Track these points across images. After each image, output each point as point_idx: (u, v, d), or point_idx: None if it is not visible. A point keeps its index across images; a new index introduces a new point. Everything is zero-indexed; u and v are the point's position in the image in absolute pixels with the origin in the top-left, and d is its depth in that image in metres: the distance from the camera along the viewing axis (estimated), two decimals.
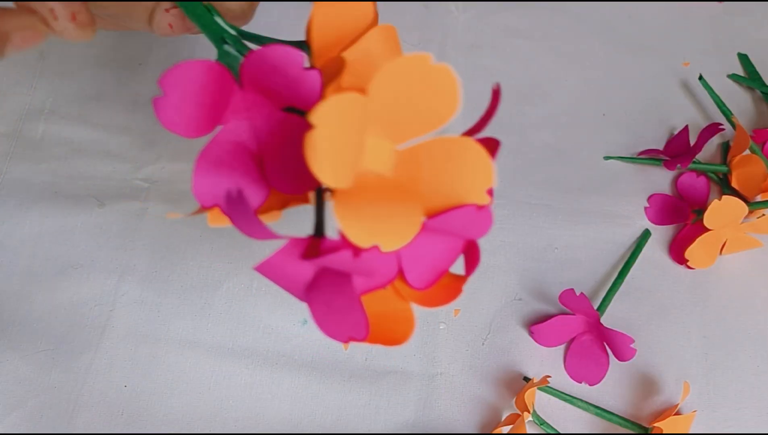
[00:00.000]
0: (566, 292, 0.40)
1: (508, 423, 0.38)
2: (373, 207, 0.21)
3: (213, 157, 0.24)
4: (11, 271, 0.44)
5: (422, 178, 0.23)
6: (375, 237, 0.21)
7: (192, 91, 0.22)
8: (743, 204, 0.41)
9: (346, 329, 0.23)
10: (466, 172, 0.23)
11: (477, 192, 0.23)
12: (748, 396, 0.41)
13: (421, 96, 0.21)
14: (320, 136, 0.19)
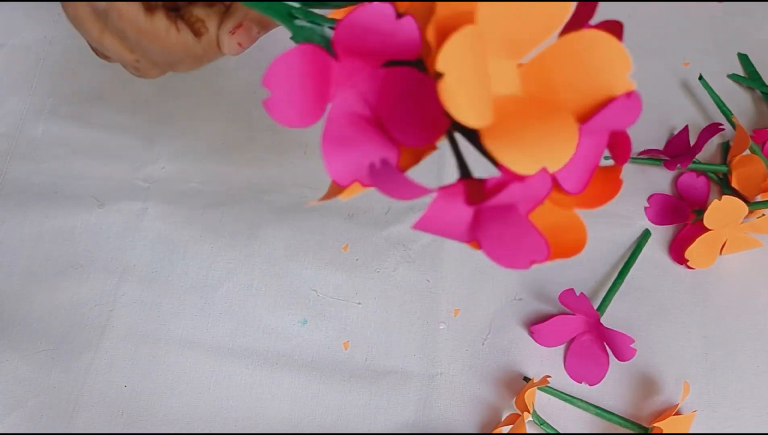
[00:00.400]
0: (566, 292, 0.40)
1: (508, 423, 0.38)
2: (525, 131, 0.20)
3: (334, 136, 0.23)
4: (11, 271, 0.44)
5: (556, 85, 0.21)
6: (539, 160, 0.20)
7: (295, 81, 0.22)
8: (743, 204, 0.41)
9: (527, 254, 0.22)
10: (601, 64, 0.22)
11: (620, 80, 0.22)
12: (748, 396, 0.41)
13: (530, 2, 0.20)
14: (452, 81, 0.19)
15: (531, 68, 0.21)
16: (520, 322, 0.43)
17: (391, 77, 0.23)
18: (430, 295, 0.43)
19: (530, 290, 0.44)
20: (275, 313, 0.42)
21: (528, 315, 0.43)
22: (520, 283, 0.44)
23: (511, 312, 0.43)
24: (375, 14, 0.21)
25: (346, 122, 0.23)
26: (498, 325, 0.42)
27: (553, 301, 0.43)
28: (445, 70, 0.19)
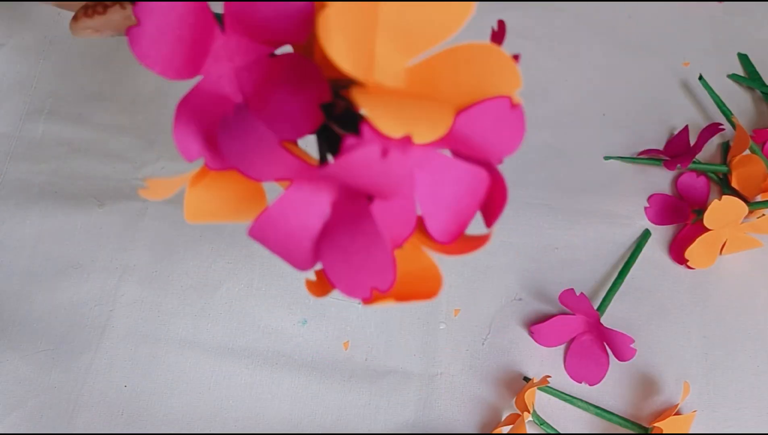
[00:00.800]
0: (566, 292, 0.40)
1: (508, 423, 0.38)
2: (401, 99, 0.19)
3: (194, 108, 0.22)
4: (11, 271, 0.44)
5: (441, 91, 0.20)
6: (407, 125, 0.17)
7: (170, 25, 0.20)
8: (743, 204, 0.41)
9: (369, 277, 0.20)
10: (490, 77, 0.20)
11: (508, 90, 0.20)
12: (748, 396, 0.41)
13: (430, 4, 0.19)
14: (333, 14, 0.17)
15: (419, 69, 0.20)
16: (520, 322, 0.43)
17: (274, 64, 0.21)
18: None
19: (530, 290, 0.44)
20: (275, 313, 0.42)
21: (528, 315, 0.43)
22: (520, 283, 0.44)
23: (511, 312, 0.43)
24: None
25: (212, 100, 0.22)
26: (498, 325, 0.42)
27: (553, 301, 0.43)
28: (329, 4, 0.17)
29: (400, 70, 0.20)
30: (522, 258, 0.45)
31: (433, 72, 0.20)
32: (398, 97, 0.19)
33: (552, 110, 0.51)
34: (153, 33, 0.20)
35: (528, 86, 0.57)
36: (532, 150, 0.49)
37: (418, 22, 0.19)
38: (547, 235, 0.46)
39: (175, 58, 0.21)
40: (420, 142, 0.18)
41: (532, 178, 0.48)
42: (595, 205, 0.47)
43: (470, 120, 0.20)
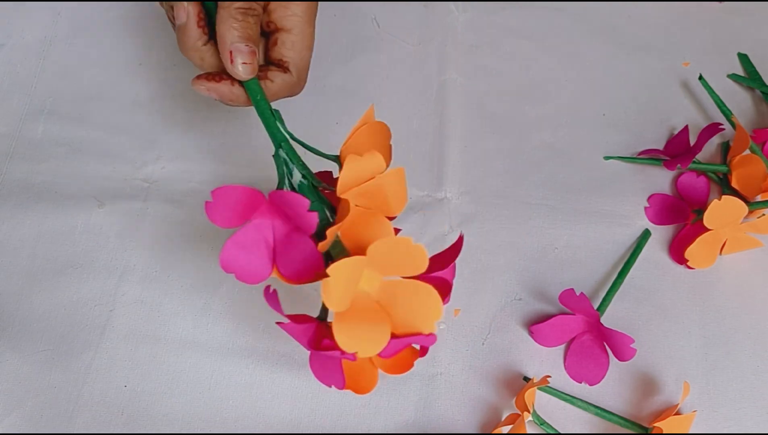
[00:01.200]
0: (566, 292, 0.40)
1: (508, 423, 0.38)
2: (359, 325, 0.31)
3: (239, 241, 0.33)
4: (11, 271, 0.44)
5: (396, 304, 0.32)
6: (357, 346, 0.31)
7: (231, 202, 0.32)
8: (743, 204, 0.41)
9: (331, 381, 0.34)
10: (423, 307, 0.31)
11: (429, 323, 0.31)
12: (748, 396, 0.41)
13: (401, 258, 0.31)
14: (332, 283, 0.29)
15: (386, 285, 0.32)
16: (520, 322, 0.43)
17: (297, 239, 0.32)
18: None
19: (530, 290, 0.44)
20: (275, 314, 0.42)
21: (528, 315, 0.43)
22: (520, 283, 0.44)
23: (511, 312, 0.43)
24: (294, 200, 0.31)
25: (254, 238, 0.33)
26: (498, 325, 0.42)
27: (553, 301, 0.43)
28: (331, 274, 0.29)
29: (377, 283, 0.32)
30: (522, 258, 0.45)
31: (394, 291, 0.32)
32: (358, 325, 0.31)
33: (552, 110, 0.51)
34: (220, 207, 0.32)
35: (528, 86, 0.58)
36: (532, 150, 0.49)
37: (392, 265, 0.31)
38: (547, 235, 0.46)
39: (233, 217, 0.32)
40: (363, 356, 0.31)
41: (532, 178, 0.48)
42: (595, 205, 0.47)
43: (397, 343, 0.32)
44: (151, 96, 0.50)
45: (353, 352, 0.30)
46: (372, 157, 0.33)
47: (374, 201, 0.34)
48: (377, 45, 0.53)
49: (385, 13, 0.54)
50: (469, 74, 0.52)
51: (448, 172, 0.47)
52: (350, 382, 0.34)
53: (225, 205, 0.32)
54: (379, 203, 0.34)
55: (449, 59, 0.52)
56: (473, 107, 0.50)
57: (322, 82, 0.51)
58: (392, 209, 0.35)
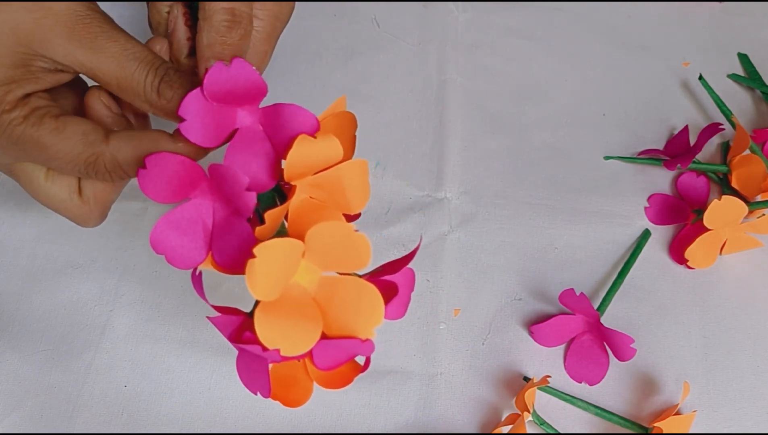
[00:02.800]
0: (566, 292, 0.40)
1: (508, 423, 0.38)
2: (286, 321, 0.28)
3: (173, 220, 0.30)
4: (11, 271, 0.44)
5: (333, 302, 0.29)
6: (280, 343, 0.28)
7: (166, 173, 0.30)
8: (743, 204, 0.41)
9: (256, 387, 0.31)
10: (362, 309, 0.29)
11: (367, 328, 0.29)
12: (748, 396, 0.41)
13: (342, 248, 0.28)
14: (258, 265, 0.26)
15: (325, 281, 0.29)
16: (520, 322, 0.43)
17: (235, 222, 0.30)
18: (430, 295, 0.43)
19: (530, 290, 0.44)
20: None
21: (528, 315, 0.43)
22: (520, 283, 0.44)
23: (511, 312, 0.43)
24: (231, 176, 0.29)
25: (189, 216, 0.30)
26: (498, 325, 0.42)
27: (553, 301, 0.43)
28: (258, 254, 0.26)
29: (316, 277, 0.29)
30: (522, 258, 0.45)
31: (333, 288, 0.29)
32: (284, 319, 0.28)
33: (552, 110, 0.51)
34: (154, 177, 0.30)
35: (528, 86, 0.58)
36: (532, 150, 0.49)
37: (332, 256, 0.28)
38: (547, 235, 0.46)
39: (169, 191, 0.30)
40: (286, 355, 0.28)
41: (532, 178, 0.48)
42: (595, 205, 0.47)
43: (330, 345, 0.29)
44: None
45: (275, 349, 0.27)
46: (326, 140, 0.30)
47: (332, 194, 0.31)
48: (377, 45, 0.53)
49: (385, 13, 0.54)
50: (469, 74, 0.52)
51: (448, 172, 0.47)
52: (280, 391, 0.31)
53: (159, 175, 0.30)
54: (336, 197, 0.31)
55: (449, 59, 0.52)
56: (473, 107, 0.50)
57: (322, 82, 0.51)
58: (351, 206, 0.32)
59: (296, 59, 0.52)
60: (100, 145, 0.32)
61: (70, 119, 0.32)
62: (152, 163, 0.30)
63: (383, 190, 0.47)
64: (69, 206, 0.35)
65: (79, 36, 0.31)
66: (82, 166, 0.32)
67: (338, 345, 0.29)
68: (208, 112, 0.30)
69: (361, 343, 0.29)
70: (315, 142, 0.29)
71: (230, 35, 0.32)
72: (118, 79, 0.31)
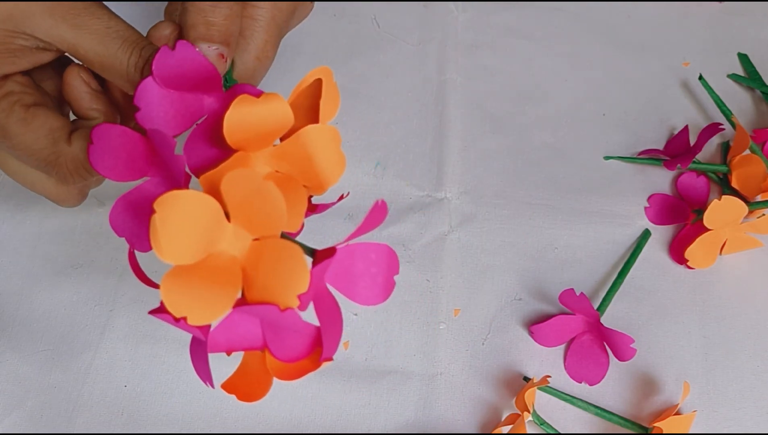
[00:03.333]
0: (566, 292, 0.40)
1: (508, 423, 0.38)
2: (198, 287, 0.25)
3: (132, 200, 0.29)
4: (11, 271, 0.44)
5: (259, 269, 0.26)
6: (185, 311, 0.25)
7: (113, 146, 0.28)
8: (743, 204, 0.41)
9: (203, 376, 0.29)
10: (287, 274, 0.25)
11: (289, 295, 0.25)
12: (748, 396, 0.41)
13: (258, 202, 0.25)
14: (159, 220, 0.24)
15: (254, 247, 0.26)
16: (520, 322, 0.43)
17: None
18: (430, 295, 0.43)
19: (530, 290, 0.44)
20: None
21: (528, 315, 0.43)
22: (520, 283, 0.44)
23: (511, 312, 0.43)
24: (160, 139, 0.27)
25: (146, 197, 0.29)
26: (498, 325, 0.42)
27: (553, 301, 0.43)
28: (157, 209, 0.24)
29: (245, 244, 0.26)
30: (522, 258, 0.45)
31: (260, 253, 0.26)
32: (194, 284, 0.25)
33: (552, 110, 0.51)
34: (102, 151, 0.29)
35: (528, 86, 0.58)
36: (532, 150, 0.49)
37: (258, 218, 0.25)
38: (547, 235, 0.46)
39: (121, 168, 0.29)
40: (193, 324, 0.25)
41: (532, 178, 0.48)
42: (595, 205, 0.47)
43: (246, 311, 0.26)
44: None
45: (181, 316, 0.25)
46: (270, 100, 0.26)
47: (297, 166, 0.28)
48: (377, 45, 0.53)
49: (385, 13, 0.54)
50: (469, 74, 0.52)
51: (448, 172, 0.47)
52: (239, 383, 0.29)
53: (106, 149, 0.28)
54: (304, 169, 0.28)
55: (449, 59, 0.52)
56: (473, 107, 0.50)
57: None
58: (322, 178, 0.29)
59: (296, 59, 0.52)
60: (62, 145, 0.31)
61: (40, 112, 0.31)
62: (97, 135, 0.28)
63: (383, 190, 0.47)
64: (47, 186, 0.34)
65: (61, 11, 0.30)
66: (42, 163, 0.31)
67: (253, 312, 0.26)
68: (166, 99, 0.29)
69: (279, 312, 0.25)
70: (256, 102, 0.26)
71: (214, 14, 0.31)
72: (100, 57, 0.31)
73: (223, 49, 0.31)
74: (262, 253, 0.26)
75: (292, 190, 0.28)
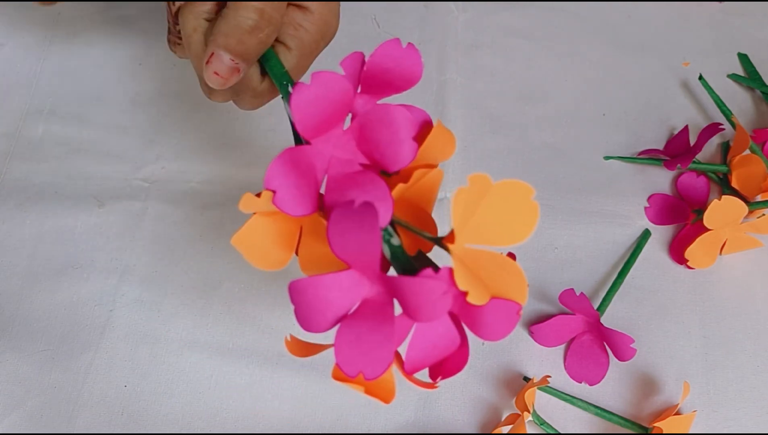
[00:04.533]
0: (566, 292, 0.40)
1: (508, 423, 0.38)
2: (469, 268, 0.25)
3: (291, 158, 0.27)
4: (11, 271, 0.44)
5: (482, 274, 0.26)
6: (469, 286, 0.24)
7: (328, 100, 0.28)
8: (743, 204, 0.41)
9: (366, 363, 0.25)
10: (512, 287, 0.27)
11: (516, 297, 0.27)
12: (748, 396, 0.41)
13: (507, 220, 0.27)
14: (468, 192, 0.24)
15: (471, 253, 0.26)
16: (520, 322, 0.43)
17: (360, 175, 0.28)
18: None
19: (530, 290, 0.44)
20: (275, 313, 0.42)
21: (528, 315, 0.43)
22: None
23: None
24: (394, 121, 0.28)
25: (305, 162, 0.28)
26: None
27: (553, 301, 0.43)
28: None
29: (467, 248, 0.26)
30: (522, 258, 0.45)
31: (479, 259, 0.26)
32: (472, 268, 0.25)
33: (552, 110, 0.51)
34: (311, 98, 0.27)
35: (528, 86, 0.58)
36: (532, 150, 0.49)
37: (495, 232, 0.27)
38: (547, 235, 0.46)
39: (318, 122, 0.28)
40: (470, 301, 0.24)
41: (532, 178, 0.48)
42: (595, 205, 0.47)
43: (495, 305, 0.26)
44: (151, 96, 0.50)
45: (467, 289, 0.25)
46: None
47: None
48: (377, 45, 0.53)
49: (385, 13, 0.54)
50: (469, 74, 0.52)
51: (448, 172, 0.47)
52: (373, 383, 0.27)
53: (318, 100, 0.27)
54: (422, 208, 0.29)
55: (449, 59, 0.52)
56: (473, 107, 0.50)
57: None
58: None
59: None
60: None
61: None
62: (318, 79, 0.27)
63: None
64: None
65: None
66: None
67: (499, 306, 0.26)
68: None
69: (514, 309, 0.27)
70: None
71: (249, 37, 0.31)
72: None
73: (241, 65, 0.31)
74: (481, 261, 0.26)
75: None
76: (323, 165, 0.28)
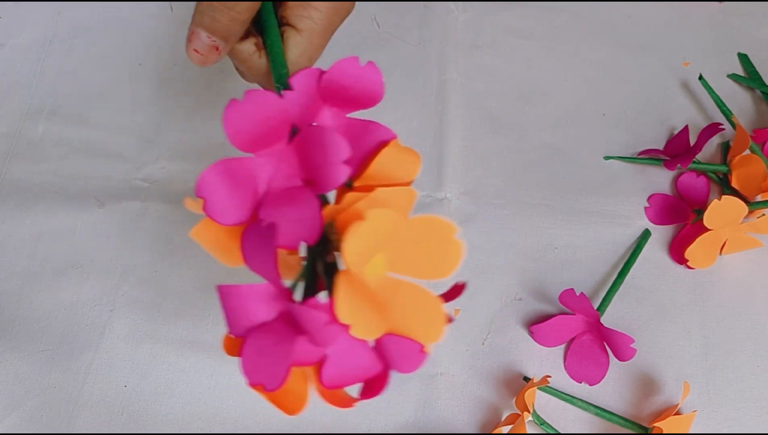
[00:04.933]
0: (566, 292, 0.40)
1: (508, 423, 0.38)
2: (361, 300, 0.25)
3: (231, 168, 0.28)
4: (11, 271, 0.44)
5: (394, 306, 0.26)
6: (354, 320, 0.24)
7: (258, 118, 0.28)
8: (743, 204, 0.41)
9: (264, 377, 0.26)
10: (425, 323, 0.27)
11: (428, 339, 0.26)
12: (748, 396, 0.41)
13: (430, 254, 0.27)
14: (364, 228, 0.24)
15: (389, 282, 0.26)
16: (520, 322, 0.43)
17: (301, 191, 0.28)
18: None
19: (530, 290, 0.44)
20: None
21: (528, 315, 0.43)
22: (520, 283, 0.44)
23: (511, 312, 0.43)
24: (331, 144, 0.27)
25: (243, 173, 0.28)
26: (498, 325, 0.42)
27: (553, 301, 0.43)
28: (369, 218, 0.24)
29: (382, 276, 0.26)
30: (522, 258, 0.45)
31: (395, 291, 0.26)
32: (361, 298, 0.25)
33: (552, 110, 0.51)
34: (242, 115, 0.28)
35: (528, 86, 0.58)
36: (532, 150, 0.49)
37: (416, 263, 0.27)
38: (547, 235, 0.46)
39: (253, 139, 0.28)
40: (354, 335, 0.25)
41: (532, 178, 0.48)
42: (595, 205, 0.47)
43: (390, 342, 0.26)
44: (151, 96, 0.50)
45: (349, 323, 0.25)
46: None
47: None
48: (377, 45, 0.53)
49: (385, 13, 0.54)
50: (469, 74, 0.52)
51: (448, 172, 0.47)
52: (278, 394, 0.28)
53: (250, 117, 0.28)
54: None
55: (449, 59, 0.52)
56: (473, 107, 0.50)
57: None
58: None
59: None
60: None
61: None
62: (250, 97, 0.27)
63: None
64: None
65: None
66: None
67: (397, 343, 0.27)
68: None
69: (419, 351, 0.27)
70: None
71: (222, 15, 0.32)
72: None
73: (219, 43, 0.32)
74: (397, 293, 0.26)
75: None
76: (266, 177, 0.29)
